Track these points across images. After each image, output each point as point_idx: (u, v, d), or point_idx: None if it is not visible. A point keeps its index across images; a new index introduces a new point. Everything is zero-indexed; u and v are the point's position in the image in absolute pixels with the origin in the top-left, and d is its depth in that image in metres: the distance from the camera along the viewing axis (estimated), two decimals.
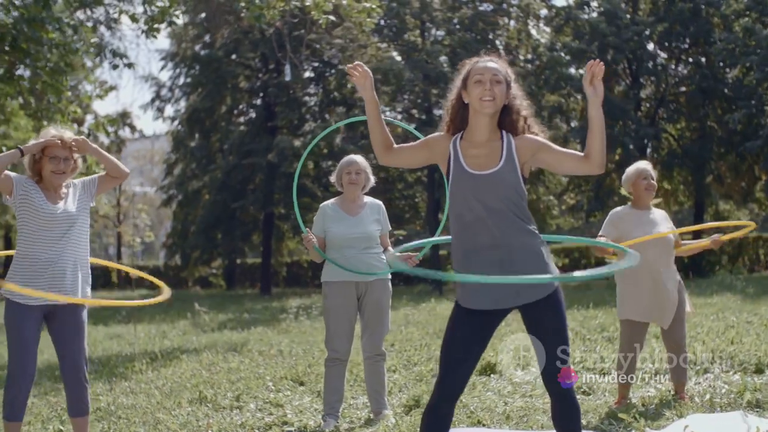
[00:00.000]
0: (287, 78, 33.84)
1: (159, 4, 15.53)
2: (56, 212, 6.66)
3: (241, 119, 41.69)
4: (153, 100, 44.50)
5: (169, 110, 48.35)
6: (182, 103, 43.25)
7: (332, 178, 8.40)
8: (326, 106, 38.12)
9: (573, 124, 34.75)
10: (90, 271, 6.95)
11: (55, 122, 17.55)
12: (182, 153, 42.41)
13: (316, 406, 8.82)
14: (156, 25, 15.61)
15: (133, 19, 15.88)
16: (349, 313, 8.07)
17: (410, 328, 16.39)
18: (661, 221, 8.33)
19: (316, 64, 38.56)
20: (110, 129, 18.93)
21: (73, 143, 6.81)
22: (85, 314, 6.85)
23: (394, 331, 15.58)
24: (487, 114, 5.14)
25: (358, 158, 8.29)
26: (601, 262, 14.45)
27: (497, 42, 36.25)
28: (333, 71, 37.64)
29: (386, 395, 8.36)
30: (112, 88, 48.69)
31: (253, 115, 41.04)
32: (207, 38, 39.99)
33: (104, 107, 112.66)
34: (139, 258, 71.35)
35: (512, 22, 36.40)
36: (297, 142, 34.52)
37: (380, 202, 8.37)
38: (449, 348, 5.18)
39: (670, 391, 8.45)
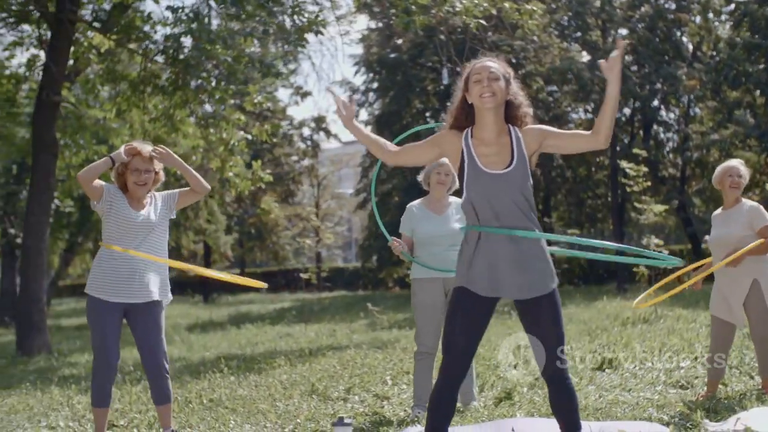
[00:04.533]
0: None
1: (306, 15, 16.08)
2: (137, 219, 7.16)
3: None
4: None
5: (363, 114, 49.16)
6: (376, 107, 43.94)
7: (420, 178, 8.71)
8: None
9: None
10: (168, 275, 7.46)
11: (221, 129, 18.37)
12: (375, 157, 42.87)
13: None
14: (304, 35, 16.17)
15: (281, 29, 16.49)
16: (436, 309, 8.32)
17: (569, 326, 16.44)
18: (734, 221, 8.30)
19: None
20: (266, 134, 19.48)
21: (155, 154, 7.29)
22: (162, 312, 7.36)
23: None
24: (489, 108, 5.37)
25: (447, 160, 8.53)
26: None
27: (683, 39, 35.65)
28: (521, 72, 37.55)
29: (475, 387, 8.63)
30: (307, 93, 50.07)
31: (442, 117, 41.24)
32: (398, 42, 40.37)
33: (300, 113, 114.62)
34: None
35: (697, 18, 35.61)
36: None
37: None
38: (454, 334, 5.41)
39: (758, 386, 8.45)
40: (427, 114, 41.17)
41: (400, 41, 39.59)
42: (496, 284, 5.34)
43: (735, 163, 8.53)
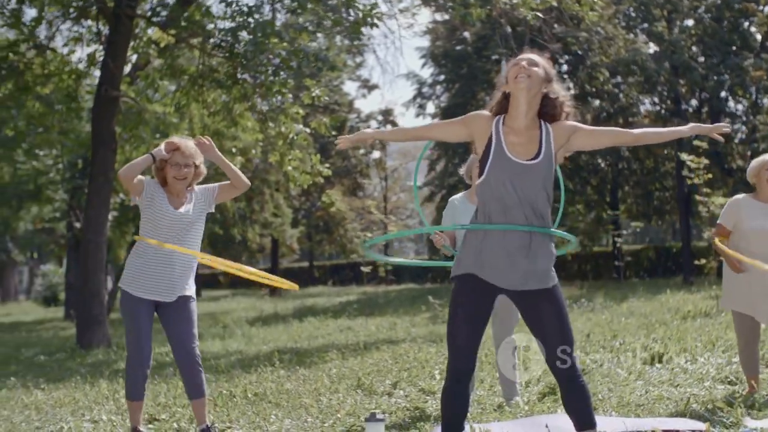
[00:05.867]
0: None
1: (360, 8, 16.08)
2: (175, 216, 7.22)
3: None
4: (415, 97, 45.37)
5: (430, 107, 49.26)
6: (443, 100, 43.95)
7: (461, 171, 8.64)
8: (580, 99, 37.75)
9: None
10: (196, 270, 7.50)
11: (280, 123, 18.39)
12: (443, 149, 43.00)
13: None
14: (360, 28, 16.17)
15: (337, 22, 16.50)
16: None
17: (630, 319, 16.33)
18: None
19: (568, 58, 38.28)
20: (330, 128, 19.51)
21: (197, 144, 7.34)
22: (194, 305, 7.40)
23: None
24: (521, 89, 5.30)
25: None
26: None
27: (751, 29, 35.12)
28: (588, 63, 37.19)
29: (518, 382, 8.55)
30: (374, 86, 50.19)
31: None
32: (463, 34, 40.30)
33: (367, 105, 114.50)
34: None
35: (765, 8, 35.03)
36: None
37: None
38: (455, 326, 5.36)
39: None
40: None
41: (466, 34, 39.53)
42: (502, 272, 5.27)
43: None
